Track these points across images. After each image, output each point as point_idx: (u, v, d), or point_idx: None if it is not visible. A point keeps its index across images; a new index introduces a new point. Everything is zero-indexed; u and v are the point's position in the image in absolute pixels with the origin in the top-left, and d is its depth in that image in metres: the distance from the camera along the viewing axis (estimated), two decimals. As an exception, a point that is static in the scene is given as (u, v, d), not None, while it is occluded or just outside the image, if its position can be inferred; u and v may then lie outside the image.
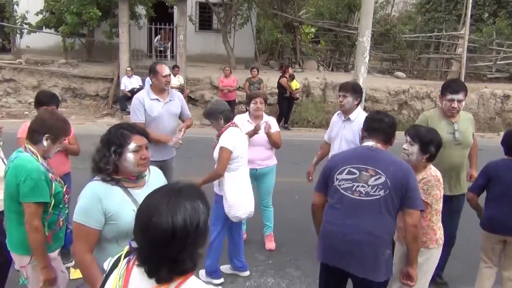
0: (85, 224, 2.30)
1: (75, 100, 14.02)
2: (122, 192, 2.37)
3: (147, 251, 1.51)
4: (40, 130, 2.86)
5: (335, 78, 15.36)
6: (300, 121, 13.29)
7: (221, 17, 16.17)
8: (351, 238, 2.84)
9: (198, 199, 1.53)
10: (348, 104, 4.43)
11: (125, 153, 2.35)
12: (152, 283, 1.52)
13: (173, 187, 1.56)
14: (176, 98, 4.90)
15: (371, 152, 2.99)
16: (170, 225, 1.44)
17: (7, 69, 13.67)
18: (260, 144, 4.84)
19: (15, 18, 14.33)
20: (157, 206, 1.47)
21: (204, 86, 14.28)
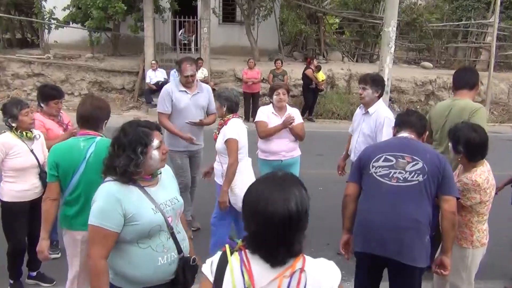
0: (103, 226, 2.22)
1: (101, 94, 14.24)
2: (139, 192, 2.33)
3: (262, 239, 1.58)
4: (105, 117, 3.14)
5: (360, 69, 15.19)
6: (325, 112, 13.22)
7: (244, 9, 16.13)
8: (393, 225, 2.84)
9: (301, 186, 1.62)
10: (368, 97, 4.36)
11: (150, 151, 2.31)
12: (269, 268, 1.59)
13: (276, 177, 1.63)
14: (205, 91, 5.08)
15: (407, 141, 3.05)
16: (287, 212, 1.52)
17: (36, 64, 13.99)
18: (285, 136, 4.83)
19: (43, 14, 14.62)
20: (270, 196, 1.55)
21: (227, 78, 14.33)
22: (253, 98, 12.35)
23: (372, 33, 18.65)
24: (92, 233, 2.25)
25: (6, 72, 13.86)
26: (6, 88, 13.80)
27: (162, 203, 2.38)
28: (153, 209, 2.32)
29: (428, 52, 19.54)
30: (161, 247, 2.35)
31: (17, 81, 13.79)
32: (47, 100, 4.20)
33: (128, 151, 2.26)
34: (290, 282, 1.58)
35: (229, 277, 1.61)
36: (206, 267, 1.69)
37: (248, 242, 1.63)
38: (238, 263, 1.62)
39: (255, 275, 1.59)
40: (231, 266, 1.62)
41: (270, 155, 4.92)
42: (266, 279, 1.58)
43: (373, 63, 17.64)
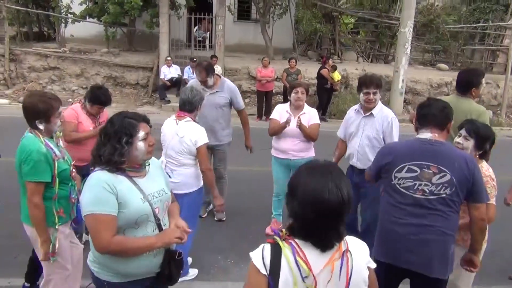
0: (102, 212, 2.21)
1: (116, 89, 14.33)
2: (127, 181, 2.34)
3: (315, 225, 1.66)
4: (30, 119, 3.01)
5: (374, 69, 15.07)
6: (338, 112, 13.12)
7: (260, 7, 16.11)
8: (419, 237, 2.74)
9: (344, 174, 1.75)
10: (377, 101, 4.20)
11: (135, 142, 2.34)
12: (320, 254, 1.68)
13: (322, 167, 1.73)
14: (226, 90, 5.18)
15: (430, 146, 2.80)
16: (340, 199, 1.64)
17: (52, 58, 14.11)
18: (293, 136, 4.81)
19: (60, 8, 14.74)
20: (324, 185, 1.64)
21: (241, 76, 14.31)
22: (267, 96, 12.33)
23: (388, 34, 18.50)
24: (94, 223, 2.23)
25: (23, 65, 14.01)
26: (22, 81, 13.94)
27: (150, 194, 2.40)
28: (141, 198, 2.34)
29: (445, 54, 19.32)
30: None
31: (33, 74, 13.92)
32: (93, 103, 4.31)
33: (113, 141, 2.30)
34: (341, 264, 1.70)
35: (287, 269, 1.66)
36: (258, 260, 1.70)
37: (298, 231, 1.71)
38: (291, 252, 1.67)
39: (310, 263, 1.66)
40: (287, 256, 1.67)
41: (280, 153, 4.95)
42: (319, 264, 1.67)
43: (388, 64, 17.51)
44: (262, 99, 12.38)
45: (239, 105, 5.34)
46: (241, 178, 6.93)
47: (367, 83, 4.18)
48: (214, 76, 5.11)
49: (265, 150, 7.90)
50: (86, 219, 2.25)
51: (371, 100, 4.15)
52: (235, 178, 6.78)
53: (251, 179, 7.01)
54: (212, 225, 5.26)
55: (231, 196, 5.92)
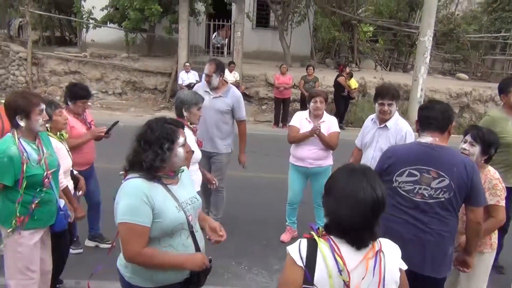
0: (137, 223, 2.21)
1: (134, 93, 14.50)
2: (163, 189, 2.34)
3: (351, 224, 1.74)
4: (10, 115, 2.97)
5: (392, 78, 14.98)
6: (355, 121, 13.06)
7: (278, 14, 16.17)
8: (419, 238, 2.82)
9: (378, 177, 1.83)
10: (393, 113, 4.09)
11: (175, 148, 2.33)
12: (354, 251, 1.76)
13: (356, 168, 1.83)
14: (229, 96, 5.01)
15: (431, 151, 2.84)
16: (375, 198, 1.73)
17: (73, 62, 14.36)
18: (314, 144, 4.78)
19: (82, 13, 15.01)
20: (360, 184, 1.74)
21: (259, 83, 14.35)
22: (284, 103, 12.34)
23: (407, 42, 18.39)
24: (126, 232, 2.23)
25: (44, 69, 14.28)
26: (43, 84, 14.21)
27: (184, 201, 2.40)
28: (176, 207, 2.33)
29: (464, 64, 19.10)
30: (181, 246, 2.37)
31: (54, 77, 14.17)
32: (75, 99, 4.26)
33: (154, 146, 2.28)
34: (375, 263, 1.78)
35: (322, 262, 1.74)
36: (295, 252, 1.78)
37: (334, 228, 1.79)
38: (328, 248, 1.76)
39: (345, 259, 1.74)
40: (323, 251, 1.75)
41: (298, 161, 4.92)
42: (354, 261, 1.76)
43: (407, 73, 17.38)
44: (279, 106, 12.39)
45: (241, 115, 5.11)
46: (255, 185, 6.94)
47: (383, 94, 4.10)
48: (221, 78, 5.00)
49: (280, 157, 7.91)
50: (119, 226, 2.25)
51: (386, 112, 4.07)
52: (249, 184, 6.80)
53: (265, 186, 7.00)
54: (225, 231, 5.27)
55: (244, 202, 5.93)
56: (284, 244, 5.10)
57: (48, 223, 3.16)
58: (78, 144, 4.22)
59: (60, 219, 3.23)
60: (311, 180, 4.99)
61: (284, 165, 5.24)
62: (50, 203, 3.14)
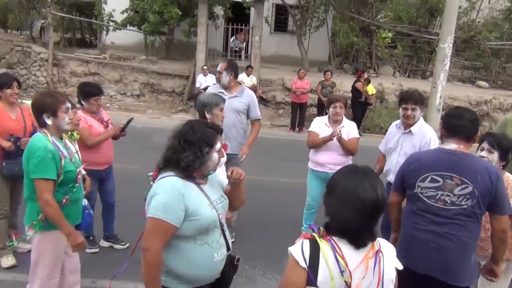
0: (167, 220, 2.22)
1: (152, 95, 14.62)
2: (196, 188, 2.37)
3: (351, 223, 1.77)
4: (38, 114, 3.02)
5: (411, 84, 14.80)
6: (373, 127, 12.98)
7: (297, 19, 16.16)
8: (438, 245, 2.79)
9: (379, 178, 1.86)
10: (417, 118, 4.09)
11: (211, 153, 2.36)
12: (354, 250, 1.79)
13: (359, 169, 1.86)
14: (244, 96, 5.03)
15: (455, 157, 2.81)
16: (375, 198, 1.76)
17: (93, 63, 14.55)
18: (334, 149, 4.75)
19: (103, 16, 15.21)
20: (361, 184, 1.77)
21: (276, 87, 14.35)
22: (301, 108, 12.32)
23: (427, 49, 18.22)
24: (154, 226, 2.24)
25: (65, 70, 14.49)
26: (63, 85, 14.41)
27: (214, 200, 2.43)
28: (209, 205, 2.36)
29: (485, 71, 18.86)
30: (215, 243, 2.39)
31: (74, 78, 14.36)
32: (88, 98, 4.34)
33: (194, 148, 2.30)
34: (375, 263, 1.81)
35: (324, 263, 1.76)
36: (297, 253, 1.80)
37: (334, 228, 1.82)
38: (330, 248, 1.78)
39: (346, 259, 1.77)
40: (324, 252, 1.77)
41: (317, 166, 4.88)
42: (355, 261, 1.78)
43: (426, 80, 17.22)
44: (296, 110, 12.37)
45: (256, 114, 5.14)
46: (270, 188, 6.93)
47: (406, 98, 4.12)
48: (231, 77, 4.98)
49: (296, 162, 7.88)
50: (149, 220, 2.26)
51: (409, 116, 4.07)
52: (265, 188, 6.78)
53: (281, 190, 6.98)
54: (240, 235, 5.26)
55: (260, 206, 5.92)
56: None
57: (75, 222, 3.18)
58: (98, 141, 4.28)
59: (86, 218, 3.27)
60: None
61: (300, 169, 5.22)
62: (78, 201, 3.19)
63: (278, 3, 16.41)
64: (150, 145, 7.78)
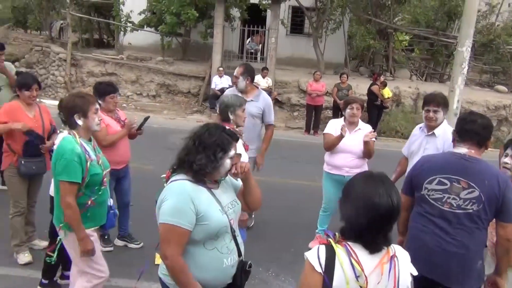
0: (179, 225, 2.20)
1: (168, 96, 14.72)
2: (207, 193, 2.33)
3: (366, 228, 1.79)
4: (68, 115, 3.04)
5: (428, 88, 14.66)
6: (388, 130, 12.87)
7: (313, 21, 16.13)
8: (443, 249, 2.78)
9: (394, 185, 1.88)
10: (439, 120, 4.06)
11: (224, 159, 2.32)
12: (368, 255, 1.81)
13: (374, 175, 1.88)
14: (260, 101, 5.09)
15: (464, 161, 2.81)
16: (390, 205, 1.78)
17: (110, 64, 14.70)
18: (350, 151, 4.71)
19: (120, 17, 15.37)
20: (376, 191, 1.80)
21: (291, 89, 14.33)
22: (316, 110, 12.28)
23: (444, 52, 18.00)
24: (167, 232, 2.22)
25: (83, 70, 14.67)
26: (81, 85, 14.59)
27: (225, 205, 2.39)
28: (220, 210, 2.33)
29: (504, 76, 18.54)
30: (226, 248, 2.36)
31: (91, 79, 14.52)
32: (103, 96, 4.36)
33: (208, 151, 2.28)
34: (390, 268, 1.82)
35: (339, 268, 1.78)
36: (313, 259, 1.82)
37: (349, 232, 1.84)
38: (345, 253, 1.80)
39: (362, 263, 1.78)
40: (340, 257, 1.79)
41: (333, 169, 4.84)
42: (370, 266, 1.80)
43: (443, 83, 17.01)
44: (311, 113, 12.33)
45: (270, 119, 5.19)
46: (284, 191, 6.91)
47: (428, 100, 4.11)
48: (248, 81, 5.04)
49: (310, 164, 7.85)
50: (161, 226, 2.24)
51: (431, 118, 4.04)
52: (279, 190, 6.77)
53: (295, 192, 6.96)
54: (254, 237, 5.25)
55: (274, 208, 5.90)
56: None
57: (100, 223, 3.22)
58: (114, 140, 4.32)
59: (111, 217, 3.31)
60: None
61: (314, 172, 5.21)
62: (104, 203, 3.21)
63: (295, 5, 16.38)
64: (166, 146, 7.83)
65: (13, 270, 4.16)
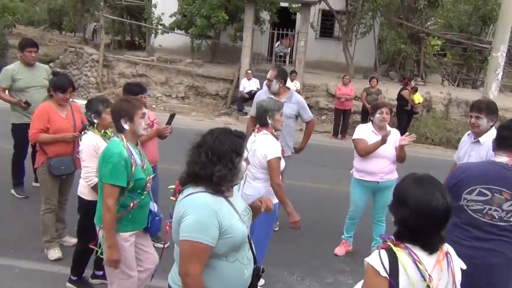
0: (203, 241, 2.09)
1: (196, 98, 14.85)
2: (226, 203, 2.24)
3: (423, 230, 1.86)
4: (116, 119, 3.07)
5: (460, 94, 14.39)
6: (418, 136, 12.63)
7: (343, 25, 16.02)
8: (483, 262, 2.69)
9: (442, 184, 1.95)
10: (482, 127, 3.91)
11: (241, 163, 2.25)
12: (428, 256, 1.88)
13: (427, 178, 1.93)
14: (293, 101, 5.17)
15: (506, 171, 2.70)
16: (446, 206, 1.84)
17: (141, 65, 14.94)
18: (386, 157, 4.62)
19: (152, 20, 15.62)
20: (432, 194, 1.84)
21: (320, 93, 14.26)
22: (344, 115, 12.16)
23: (478, 58, 17.60)
24: (189, 249, 2.11)
25: (114, 71, 14.97)
26: (112, 86, 14.88)
27: (241, 213, 2.33)
28: (239, 220, 2.26)
29: (540, 82, 18.02)
30: (246, 259, 2.29)
31: (122, 79, 14.80)
32: (135, 95, 4.35)
33: (224, 160, 2.18)
34: (447, 264, 1.91)
35: (403, 270, 1.83)
36: (377, 263, 1.86)
37: (406, 236, 1.90)
38: (407, 255, 1.86)
39: (423, 264, 1.85)
40: (402, 260, 1.84)
41: (366, 175, 4.72)
42: (430, 265, 1.87)
43: (476, 89, 16.64)
44: (339, 117, 12.23)
45: (308, 115, 5.30)
46: (311, 195, 6.87)
47: (472, 106, 4.02)
48: (281, 84, 5.11)
49: (337, 169, 7.79)
50: (183, 243, 2.13)
51: (473, 124, 3.93)
52: (305, 194, 6.73)
53: (321, 196, 6.91)
54: (280, 240, 5.24)
55: (300, 211, 5.85)
56: (338, 257, 5.00)
57: (141, 225, 3.24)
58: (144, 140, 4.37)
59: (156, 223, 3.32)
60: (376, 195, 4.83)
61: (341, 177, 5.16)
62: (145, 207, 3.24)
63: (325, 8, 16.32)
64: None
65: (43, 265, 4.26)
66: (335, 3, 15.68)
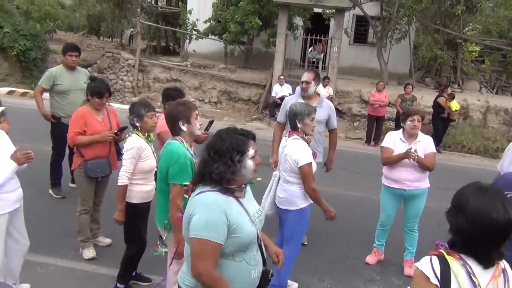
0: (212, 239, 2.11)
1: (229, 103, 14.97)
2: (236, 203, 2.25)
3: (480, 243, 1.78)
4: (173, 122, 3.16)
5: (499, 102, 13.97)
6: (454, 144, 12.34)
7: (378, 31, 15.83)
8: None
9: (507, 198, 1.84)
10: None
11: (245, 160, 2.24)
12: (482, 270, 1.80)
13: (490, 188, 1.84)
14: (324, 106, 5.09)
15: None
16: (508, 218, 1.74)
17: (175, 70, 15.19)
18: (411, 165, 4.54)
19: (187, 25, 15.86)
20: (493, 205, 1.75)
21: (352, 99, 14.13)
22: (377, 121, 11.98)
23: (518, 64, 17.05)
24: (199, 247, 2.14)
25: (149, 76, 15.27)
26: (147, 90, 15.18)
27: (252, 215, 2.33)
28: (249, 221, 2.27)
29: None
30: (253, 260, 2.30)
31: (157, 84, 15.08)
32: (170, 101, 4.46)
33: (224, 157, 2.21)
34: (504, 281, 1.82)
35: (455, 279, 1.78)
36: (428, 269, 1.81)
37: (461, 246, 1.82)
38: (461, 266, 1.79)
39: (478, 277, 1.78)
40: (454, 269, 1.78)
41: (393, 183, 4.68)
42: (484, 280, 1.79)
43: (516, 97, 16.11)
44: (372, 124, 12.07)
45: (334, 123, 5.21)
46: (343, 202, 6.80)
47: None
48: (317, 87, 5.08)
49: (370, 176, 7.68)
50: (193, 241, 2.16)
51: None
52: (337, 201, 6.66)
53: (353, 204, 6.84)
54: (310, 247, 5.21)
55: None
56: (369, 266, 4.93)
57: None
58: None
59: None
60: (406, 203, 4.75)
61: (374, 184, 5.08)
62: None
63: (359, 14, 16.17)
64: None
65: (78, 264, 4.38)
66: (369, 9, 15.52)
